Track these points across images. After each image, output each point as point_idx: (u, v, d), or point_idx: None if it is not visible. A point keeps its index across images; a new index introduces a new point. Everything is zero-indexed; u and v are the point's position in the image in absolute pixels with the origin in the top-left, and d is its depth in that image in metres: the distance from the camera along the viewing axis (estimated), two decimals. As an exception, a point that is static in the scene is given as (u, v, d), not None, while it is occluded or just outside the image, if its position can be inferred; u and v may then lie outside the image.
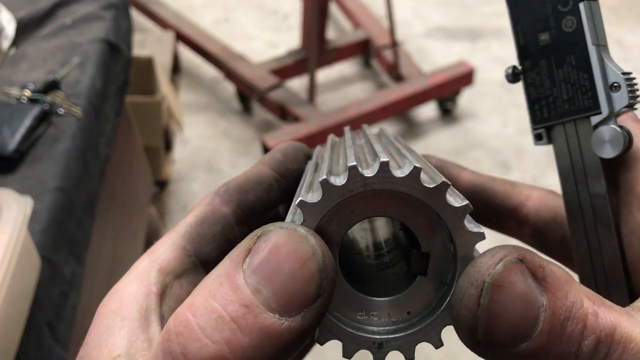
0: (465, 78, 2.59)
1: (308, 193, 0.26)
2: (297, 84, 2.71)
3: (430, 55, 3.06)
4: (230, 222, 0.32)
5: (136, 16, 2.54)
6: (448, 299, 0.25)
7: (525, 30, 0.33)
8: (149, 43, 2.34)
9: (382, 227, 0.33)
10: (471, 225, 0.24)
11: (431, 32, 3.26)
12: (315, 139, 2.31)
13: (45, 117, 1.08)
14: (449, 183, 0.24)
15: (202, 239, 0.31)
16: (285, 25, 3.31)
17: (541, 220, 0.37)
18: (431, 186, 0.24)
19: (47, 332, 0.87)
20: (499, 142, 2.56)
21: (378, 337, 0.25)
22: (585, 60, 0.31)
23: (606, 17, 0.32)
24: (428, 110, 2.73)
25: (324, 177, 0.24)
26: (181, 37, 2.78)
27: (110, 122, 1.28)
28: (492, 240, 0.25)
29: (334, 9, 3.07)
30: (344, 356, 0.26)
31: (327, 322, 0.25)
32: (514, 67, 0.34)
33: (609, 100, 0.31)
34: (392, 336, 0.25)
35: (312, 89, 2.47)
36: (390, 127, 2.67)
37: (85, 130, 1.12)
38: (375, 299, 0.26)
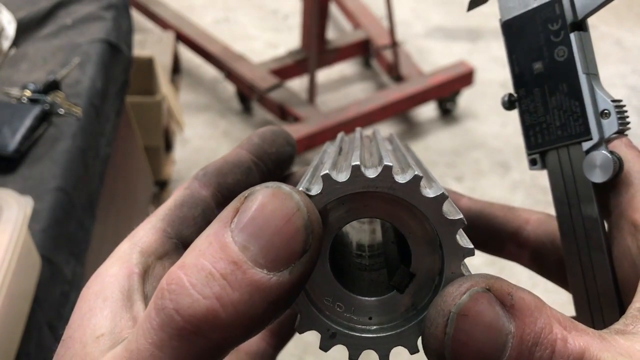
0: (465, 78, 2.59)
1: (310, 184, 0.26)
2: (297, 84, 2.71)
3: (430, 55, 3.06)
4: (210, 205, 0.33)
5: (136, 16, 2.54)
6: (413, 322, 0.26)
7: (520, 59, 0.34)
8: (149, 43, 2.34)
9: (374, 232, 0.34)
10: (463, 241, 0.25)
11: (431, 32, 3.26)
12: (316, 139, 2.31)
13: (45, 117, 1.08)
14: (447, 195, 0.24)
15: (182, 222, 0.31)
16: (285, 25, 3.31)
17: (540, 244, 0.37)
18: (429, 196, 0.24)
19: (47, 332, 0.87)
20: (498, 142, 2.56)
21: (334, 326, 0.26)
22: (576, 88, 0.32)
23: (606, 17, 0.32)
24: (428, 111, 2.73)
25: (327, 171, 0.24)
26: (181, 38, 2.78)
27: (110, 122, 1.28)
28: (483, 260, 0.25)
29: (334, 9, 3.07)
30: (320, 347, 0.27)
31: (307, 310, 0.26)
32: (510, 95, 0.35)
33: (599, 126, 0.32)
34: (345, 331, 0.26)
35: (312, 89, 2.47)
36: (390, 127, 2.68)
37: (86, 131, 1.12)
38: (347, 292, 0.27)
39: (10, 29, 1.28)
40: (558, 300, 0.35)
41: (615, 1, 0.33)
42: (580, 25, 0.33)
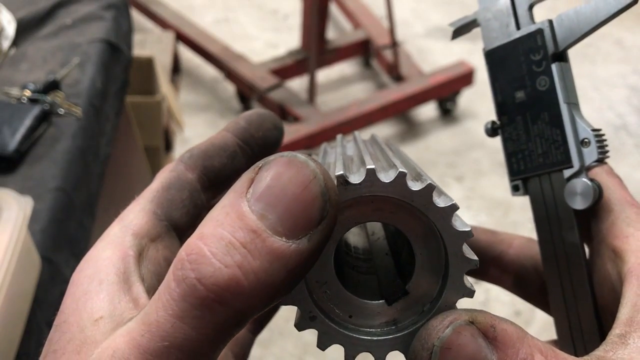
0: (465, 78, 2.59)
1: None
2: (297, 84, 2.71)
3: (430, 55, 3.06)
4: (197, 187, 0.33)
5: (136, 16, 2.54)
6: (389, 337, 0.26)
7: (503, 88, 0.35)
8: (149, 43, 2.34)
9: (371, 239, 0.34)
10: (459, 224, 0.25)
11: (431, 32, 3.26)
12: (316, 139, 2.31)
13: (45, 117, 1.08)
14: (435, 185, 0.25)
15: (170, 204, 0.32)
16: (285, 25, 3.31)
17: (522, 268, 0.38)
18: (440, 205, 0.25)
19: (47, 332, 0.87)
20: (499, 142, 2.55)
21: (317, 310, 0.26)
22: (557, 117, 0.33)
23: None
24: (428, 111, 2.73)
25: (341, 172, 0.25)
26: (181, 37, 2.78)
27: (110, 122, 1.28)
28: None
29: (334, 9, 3.07)
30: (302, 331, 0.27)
31: (307, 304, 0.26)
32: (493, 122, 0.36)
33: (580, 155, 0.33)
34: (325, 320, 0.26)
35: (312, 89, 2.47)
36: (390, 128, 2.68)
37: (86, 130, 1.12)
38: (339, 282, 0.27)
39: (10, 28, 1.28)
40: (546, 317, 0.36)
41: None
42: (561, 56, 0.34)
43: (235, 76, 2.61)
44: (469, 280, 0.26)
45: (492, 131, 0.36)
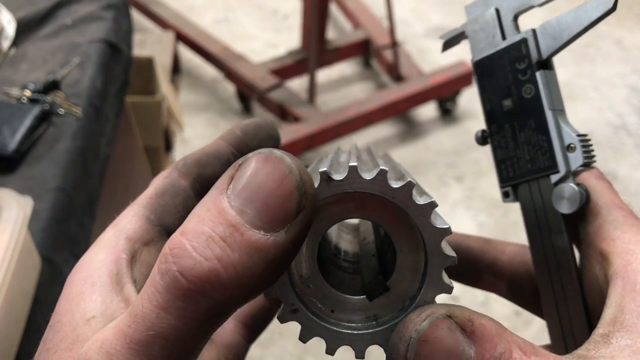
0: (465, 78, 2.59)
1: None
2: (297, 84, 2.71)
3: (430, 55, 3.06)
4: (190, 194, 0.33)
5: (136, 16, 2.54)
6: (369, 331, 0.27)
7: (491, 97, 0.36)
8: (149, 43, 2.34)
9: (355, 243, 0.35)
10: (438, 221, 0.26)
11: (431, 32, 3.26)
12: (316, 139, 2.31)
13: (45, 117, 1.08)
14: (415, 182, 0.26)
15: (164, 209, 0.32)
16: (286, 25, 3.31)
17: (515, 274, 0.38)
18: (420, 203, 0.25)
19: (47, 332, 0.87)
20: (499, 142, 2.56)
21: (299, 303, 0.27)
22: (543, 123, 0.34)
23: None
24: (428, 110, 2.73)
25: (325, 169, 0.26)
26: (181, 37, 2.78)
27: (110, 122, 1.28)
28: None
29: (334, 9, 3.07)
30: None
31: (282, 277, 0.27)
32: (483, 131, 0.37)
33: (566, 159, 0.33)
34: (308, 313, 0.27)
35: (312, 89, 2.47)
36: (390, 128, 2.68)
37: (86, 130, 1.12)
38: (322, 277, 0.28)
39: (10, 28, 1.28)
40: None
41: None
42: (545, 64, 0.34)
43: (235, 76, 2.61)
44: (448, 248, 0.26)
45: (482, 140, 0.37)
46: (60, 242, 0.95)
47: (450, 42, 0.40)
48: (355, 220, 0.36)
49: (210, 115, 2.74)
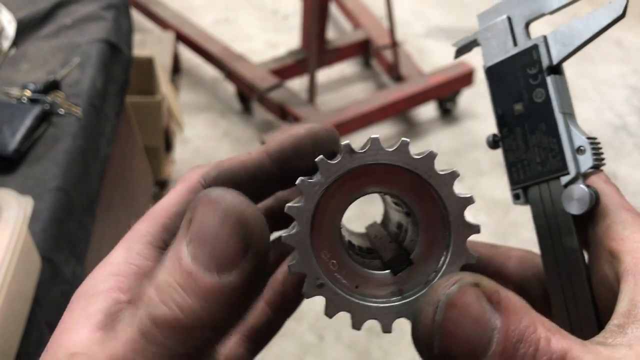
0: (465, 78, 2.59)
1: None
2: (297, 84, 2.71)
3: (430, 55, 3.06)
4: None
5: (136, 16, 2.54)
6: (395, 304, 0.27)
7: (502, 101, 0.37)
8: (149, 43, 2.34)
9: (364, 241, 0.35)
10: (459, 192, 0.27)
11: (431, 32, 3.26)
12: (316, 139, 2.30)
13: (45, 117, 1.08)
14: (459, 174, 0.26)
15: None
16: (286, 25, 3.31)
17: (523, 279, 0.39)
18: (419, 156, 0.26)
19: (47, 332, 0.87)
20: (499, 142, 2.56)
21: (325, 278, 0.27)
22: (553, 126, 0.35)
23: None
24: (428, 111, 2.73)
25: (348, 142, 0.26)
26: (181, 38, 2.78)
27: (110, 122, 1.28)
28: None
29: (334, 9, 3.07)
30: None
31: (306, 254, 0.27)
32: (494, 135, 0.38)
33: (576, 162, 0.34)
34: (333, 287, 0.27)
35: (312, 89, 2.47)
36: (390, 128, 2.68)
37: (86, 130, 1.12)
38: (346, 254, 0.28)
39: (10, 29, 1.28)
40: None
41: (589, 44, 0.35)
42: (556, 69, 0.36)
43: (235, 76, 2.61)
44: (460, 190, 0.27)
45: (493, 143, 0.38)
46: (60, 242, 0.95)
47: (462, 50, 0.41)
48: (361, 230, 0.37)
49: (211, 115, 2.74)
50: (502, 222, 2.20)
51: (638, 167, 2.44)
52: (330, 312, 0.27)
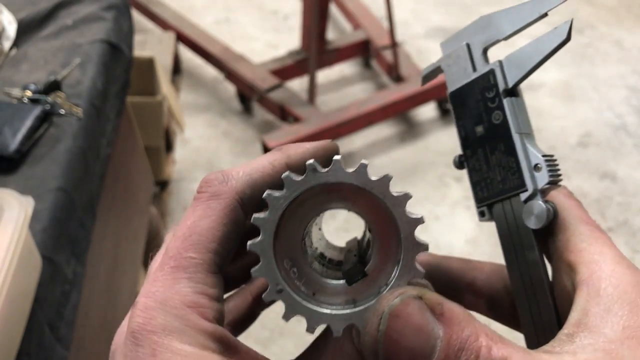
0: (465, 78, 2.59)
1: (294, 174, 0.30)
2: (298, 84, 2.72)
3: (430, 55, 3.06)
4: (244, 223, 0.31)
5: (137, 17, 2.54)
6: (347, 312, 0.29)
7: (465, 124, 0.39)
8: (150, 44, 2.35)
9: (339, 252, 0.37)
10: (411, 213, 0.29)
11: (431, 32, 3.26)
12: (316, 139, 2.28)
13: (46, 118, 1.09)
14: (411, 196, 0.28)
15: (227, 256, 0.30)
16: (286, 26, 3.31)
17: (493, 291, 0.40)
18: (375, 178, 0.28)
19: (48, 331, 0.88)
20: (498, 142, 2.56)
21: (284, 284, 0.30)
22: (511, 146, 0.37)
23: (605, 18, 0.33)
24: (428, 111, 2.74)
25: (312, 161, 0.28)
26: (182, 38, 2.78)
27: (111, 122, 1.28)
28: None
29: (333, 9, 3.08)
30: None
31: (269, 261, 0.29)
32: (460, 156, 0.40)
33: (533, 179, 0.36)
34: (291, 293, 0.29)
35: (312, 89, 2.48)
36: (390, 128, 2.68)
37: (86, 131, 1.12)
38: (306, 263, 0.30)
39: (11, 29, 1.28)
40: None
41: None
42: (512, 92, 0.38)
43: (235, 77, 2.62)
44: (420, 238, 0.29)
45: (459, 164, 0.40)
46: (61, 241, 0.96)
47: (428, 77, 0.44)
48: (341, 244, 0.39)
49: (211, 115, 2.74)
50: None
51: (637, 167, 2.44)
52: (287, 316, 0.29)
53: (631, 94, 2.84)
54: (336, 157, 0.28)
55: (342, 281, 0.30)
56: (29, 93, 1.13)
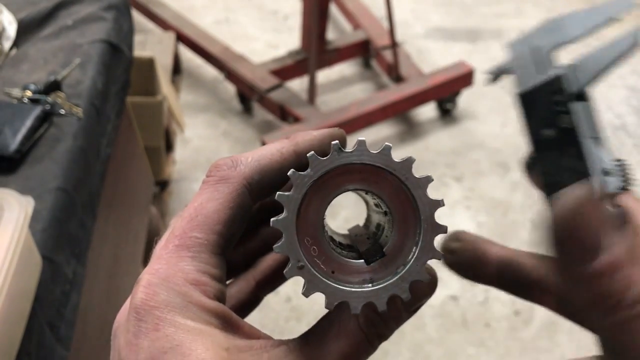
0: (464, 79, 2.59)
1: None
2: (298, 84, 2.72)
3: (429, 56, 3.07)
4: (251, 210, 0.32)
5: (137, 17, 2.54)
6: (366, 290, 0.30)
7: (534, 126, 0.40)
8: (150, 44, 2.35)
9: (346, 239, 0.38)
10: (432, 195, 0.30)
11: (431, 32, 3.26)
12: (316, 139, 2.30)
13: (46, 118, 1.09)
14: (432, 179, 0.29)
15: (231, 240, 0.31)
16: (286, 26, 3.32)
17: (561, 289, 0.39)
18: (399, 160, 0.29)
19: (48, 331, 0.88)
20: (498, 142, 2.56)
21: (305, 261, 0.30)
22: (580, 151, 0.37)
23: None
24: (428, 111, 2.74)
25: (337, 142, 0.30)
26: (182, 38, 2.78)
27: (111, 122, 1.28)
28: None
29: (333, 9, 3.08)
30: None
31: (291, 238, 0.30)
32: (531, 158, 0.41)
33: (603, 183, 0.36)
34: (312, 269, 0.30)
35: (312, 89, 2.48)
36: (390, 128, 2.68)
37: (87, 131, 1.12)
38: (327, 242, 0.31)
39: (11, 29, 1.28)
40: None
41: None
42: (581, 96, 0.38)
43: (235, 77, 2.62)
44: (439, 220, 0.30)
45: (530, 166, 0.41)
46: (61, 241, 0.96)
47: (496, 76, 0.44)
48: (344, 231, 0.40)
49: (211, 115, 2.74)
50: (501, 222, 2.20)
51: (637, 168, 2.44)
52: (307, 292, 0.30)
53: (631, 94, 2.84)
54: (361, 138, 0.29)
55: (360, 261, 0.31)
56: (29, 93, 1.13)
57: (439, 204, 0.29)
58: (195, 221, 0.29)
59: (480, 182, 2.37)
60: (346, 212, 2.16)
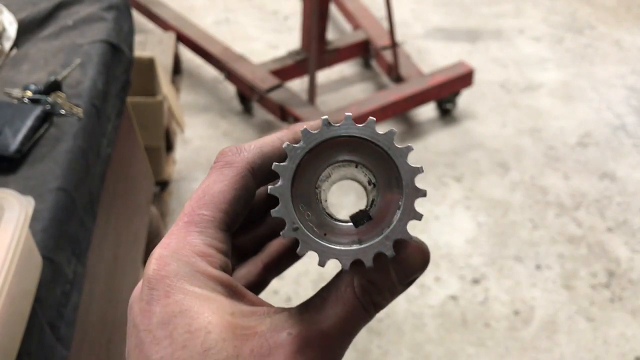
0: (464, 79, 2.60)
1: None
2: (298, 84, 2.72)
3: (429, 56, 3.07)
4: (254, 190, 0.35)
5: (137, 17, 2.54)
6: (354, 248, 0.33)
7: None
8: (150, 44, 2.35)
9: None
10: (412, 163, 0.33)
11: (430, 33, 3.26)
12: (316, 139, 2.30)
13: (46, 118, 1.09)
14: (412, 148, 0.33)
15: (236, 218, 0.34)
16: (286, 26, 3.32)
17: None
18: (399, 146, 0.33)
19: (48, 331, 0.88)
20: (498, 142, 2.57)
21: (300, 223, 0.33)
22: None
23: (605, 18, 0.34)
24: (427, 111, 2.74)
25: (326, 117, 0.33)
26: (182, 38, 2.78)
27: (111, 122, 1.28)
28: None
29: (333, 10, 3.08)
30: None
31: (287, 202, 0.33)
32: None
33: None
34: (306, 231, 0.33)
35: (312, 89, 2.48)
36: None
37: (87, 131, 1.12)
38: (320, 207, 0.35)
39: (12, 29, 1.28)
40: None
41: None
42: None
43: (235, 77, 2.62)
44: (420, 185, 0.33)
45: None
46: (62, 241, 0.96)
47: None
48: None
49: (211, 115, 2.74)
50: (501, 222, 2.20)
51: (637, 167, 2.45)
52: (301, 251, 0.33)
53: (630, 94, 2.84)
54: (347, 113, 0.32)
55: (350, 224, 0.34)
56: (29, 93, 1.13)
57: (419, 170, 0.32)
58: (203, 200, 0.33)
59: (480, 182, 2.37)
60: (346, 213, 2.16)
